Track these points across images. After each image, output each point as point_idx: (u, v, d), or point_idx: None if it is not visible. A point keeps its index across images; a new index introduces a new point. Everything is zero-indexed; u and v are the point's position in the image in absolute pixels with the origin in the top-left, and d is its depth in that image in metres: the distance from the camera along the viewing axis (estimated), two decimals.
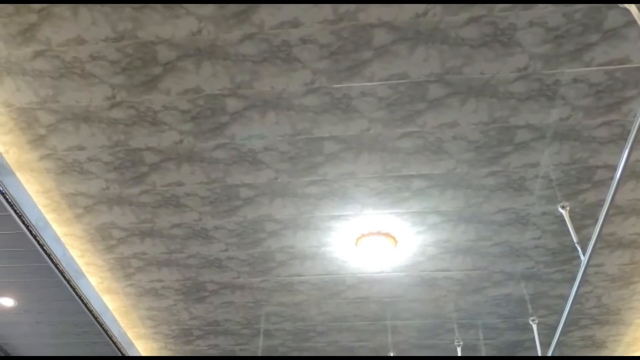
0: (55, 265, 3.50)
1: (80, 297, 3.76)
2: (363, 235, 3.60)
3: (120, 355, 4.41)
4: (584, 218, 3.39)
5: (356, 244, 3.65)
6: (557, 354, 4.54)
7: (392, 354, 4.66)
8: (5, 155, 3.16)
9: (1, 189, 3.03)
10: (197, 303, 4.25)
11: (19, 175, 3.27)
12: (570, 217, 3.37)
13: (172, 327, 4.51)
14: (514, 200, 3.31)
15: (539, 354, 4.03)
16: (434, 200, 3.34)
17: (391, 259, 3.77)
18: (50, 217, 3.55)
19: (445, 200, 3.33)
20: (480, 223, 3.47)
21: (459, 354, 4.47)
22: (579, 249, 3.14)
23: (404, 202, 3.36)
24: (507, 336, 4.45)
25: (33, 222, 3.30)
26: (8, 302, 3.88)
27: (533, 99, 2.76)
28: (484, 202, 3.33)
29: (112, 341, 4.17)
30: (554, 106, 2.79)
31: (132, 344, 4.57)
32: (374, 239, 3.59)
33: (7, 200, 3.08)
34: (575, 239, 3.19)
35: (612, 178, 3.12)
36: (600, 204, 3.27)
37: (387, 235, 3.58)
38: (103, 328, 4.05)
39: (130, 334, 4.57)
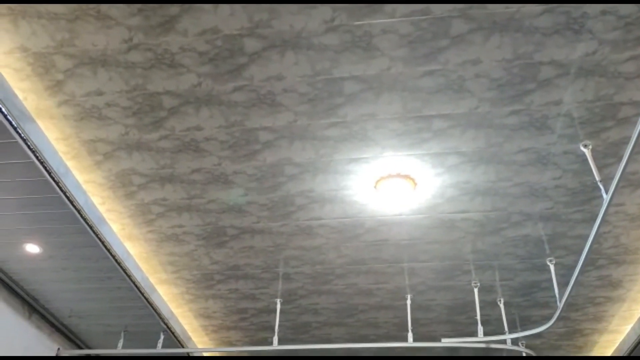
0: (78, 211, 3.54)
1: (103, 243, 3.82)
2: (382, 178, 3.60)
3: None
4: (606, 157, 3.36)
5: (375, 187, 3.66)
6: (574, 294, 4.59)
7: (409, 296, 4.73)
8: (24, 103, 3.16)
9: (23, 135, 3.04)
10: (218, 248, 4.30)
11: (38, 122, 3.27)
12: (592, 156, 3.34)
13: (193, 272, 4.59)
14: (536, 140, 3.28)
15: (557, 294, 4.07)
16: (454, 141, 3.31)
17: (410, 201, 3.77)
18: (70, 164, 3.57)
19: (466, 140, 3.31)
20: (500, 163, 3.45)
21: (476, 295, 4.53)
22: (601, 187, 3.12)
23: (424, 143, 3.33)
24: (524, 277, 4.49)
25: (55, 169, 3.32)
26: (34, 248, 3.95)
27: (559, 33, 2.69)
28: (505, 141, 3.30)
29: (136, 286, 4.26)
30: (580, 40, 2.72)
31: (154, 289, 4.66)
32: (393, 182, 3.59)
33: (29, 147, 3.09)
34: (597, 177, 3.17)
35: (637, 115, 3.07)
36: (624, 142, 3.24)
37: (406, 177, 3.58)
38: (126, 273, 4.13)
39: (152, 280, 4.66)
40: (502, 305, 4.77)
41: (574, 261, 4.27)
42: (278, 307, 4.87)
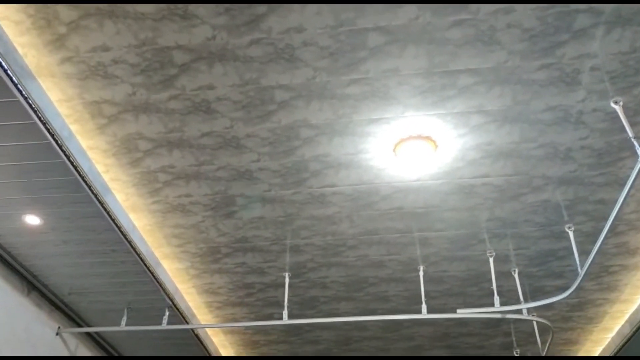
0: (83, 178, 3.35)
1: (109, 214, 3.63)
2: (402, 140, 3.44)
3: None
4: (636, 114, 3.23)
5: (394, 150, 3.50)
6: (597, 262, 4.49)
7: (421, 267, 4.61)
8: (24, 59, 2.95)
9: (24, 93, 2.83)
10: (226, 219, 4.13)
11: (39, 81, 3.06)
12: (624, 113, 3.21)
13: (199, 245, 4.42)
14: (564, 96, 3.14)
15: (577, 262, 3.96)
16: (479, 99, 3.16)
17: (429, 165, 3.63)
18: (72, 128, 3.37)
19: (492, 98, 3.16)
20: (526, 123, 3.31)
21: (491, 265, 4.41)
22: (635, 144, 3.00)
23: (448, 101, 3.18)
24: (541, 245, 4.37)
25: (58, 132, 3.12)
26: (33, 220, 3.75)
27: None
28: (533, 98, 3.16)
29: (141, 259, 4.08)
30: None
31: (159, 263, 4.48)
32: (413, 144, 3.44)
33: (30, 106, 2.89)
34: (630, 134, 3.04)
35: None
36: None
37: (427, 139, 3.42)
38: (132, 246, 3.94)
39: (155, 254, 4.48)
40: (516, 276, 4.66)
41: (593, 228, 4.16)
42: (287, 281, 4.72)
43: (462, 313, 4.25)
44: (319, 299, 5.17)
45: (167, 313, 4.67)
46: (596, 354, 6.08)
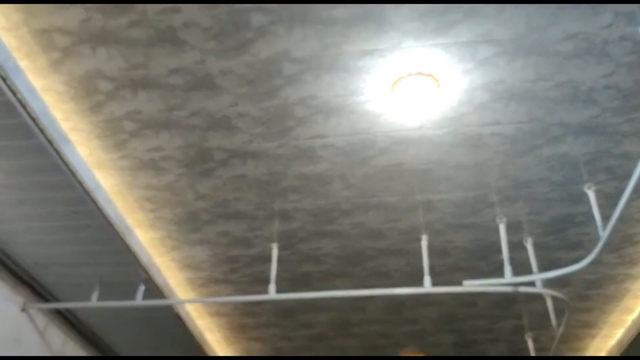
0: (34, 121, 2.92)
1: (67, 166, 3.20)
2: (400, 78, 3.00)
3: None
4: None
5: (392, 90, 3.06)
6: (619, 229, 4.03)
7: (424, 236, 4.15)
8: None
9: None
10: (203, 177, 3.69)
11: None
12: None
13: (175, 210, 3.98)
14: (587, 21, 2.69)
15: (599, 223, 3.50)
16: (488, 23, 2.72)
17: (431, 110, 3.18)
18: (22, 65, 2.94)
19: (503, 22, 2.71)
20: (541, 55, 2.87)
21: (502, 232, 3.95)
22: None
23: (452, 27, 2.73)
24: (557, 209, 3.92)
25: (1, 62, 2.70)
26: None
27: None
28: (550, 24, 2.71)
29: (109, 223, 3.64)
30: None
31: (131, 230, 4.04)
32: (412, 82, 3.00)
33: None
34: None
35: None
36: None
37: (428, 76, 2.98)
38: (97, 207, 3.52)
39: (127, 221, 4.04)
40: (529, 246, 4.21)
41: (616, 189, 3.71)
42: (275, 252, 4.28)
43: (469, 285, 3.79)
44: (311, 275, 4.73)
45: (142, 287, 4.24)
46: (615, 338, 5.62)
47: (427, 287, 3.92)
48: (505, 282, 3.77)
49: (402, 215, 4.01)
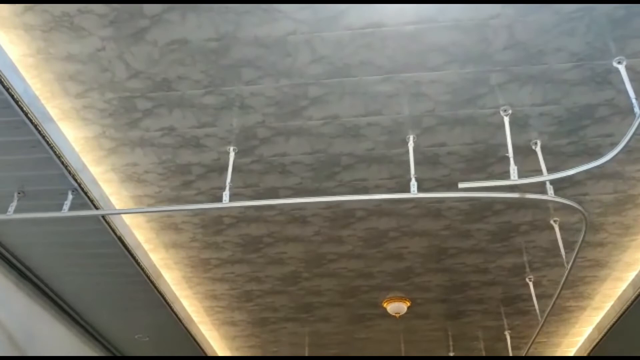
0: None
1: None
2: None
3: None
4: None
5: None
6: None
7: (411, 136, 3.42)
8: None
9: None
10: (134, 44, 2.93)
11: None
12: None
13: (105, 94, 3.22)
14: None
15: (635, 103, 2.77)
16: None
17: None
18: None
19: None
20: None
21: (507, 126, 3.22)
22: None
23: None
24: (576, 96, 3.18)
25: None
26: None
27: None
28: None
29: (21, 109, 2.88)
30: None
31: (51, 119, 3.27)
32: None
33: None
34: None
35: None
36: None
37: None
38: (2, 84, 2.76)
39: (48, 110, 3.27)
40: (538, 150, 3.49)
41: None
42: (231, 157, 3.54)
43: (466, 187, 3.07)
44: (277, 192, 3.98)
45: (70, 197, 3.49)
46: (628, 281, 4.93)
47: (414, 192, 3.20)
48: (508, 182, 3.05)
49: (383, 104, 3.27)
